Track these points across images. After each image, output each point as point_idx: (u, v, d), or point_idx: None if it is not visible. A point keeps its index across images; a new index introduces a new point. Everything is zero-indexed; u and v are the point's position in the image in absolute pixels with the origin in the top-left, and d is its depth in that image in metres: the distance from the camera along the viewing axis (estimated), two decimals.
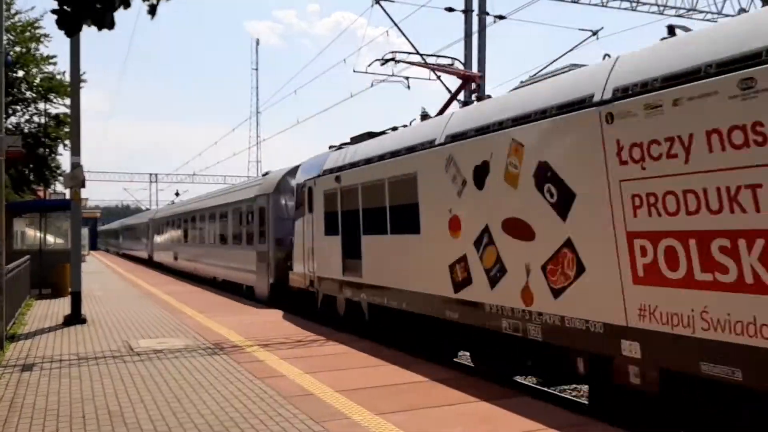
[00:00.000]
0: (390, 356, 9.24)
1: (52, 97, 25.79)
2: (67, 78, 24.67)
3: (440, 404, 6.72)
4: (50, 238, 22.16)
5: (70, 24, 7.02)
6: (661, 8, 20.55)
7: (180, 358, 9.42)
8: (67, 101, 24.92)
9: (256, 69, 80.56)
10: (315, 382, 7.77)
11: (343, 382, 7.74)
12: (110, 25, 7.18)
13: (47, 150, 26.65)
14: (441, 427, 5.98)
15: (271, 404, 6.80)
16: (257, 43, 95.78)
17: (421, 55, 12.78)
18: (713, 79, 5.20)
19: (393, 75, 14.60)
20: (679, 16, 20.48)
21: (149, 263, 38.54)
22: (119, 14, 7.20)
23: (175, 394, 7.29)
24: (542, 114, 7.10)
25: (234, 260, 20.30)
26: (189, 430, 5.98)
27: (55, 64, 26.03)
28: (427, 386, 7.52)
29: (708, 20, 19.71)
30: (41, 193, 32.61)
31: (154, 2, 7.17)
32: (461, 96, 12.39)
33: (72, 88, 14.27)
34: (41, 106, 26.10)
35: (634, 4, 20.44)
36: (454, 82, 12.45)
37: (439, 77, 12.72)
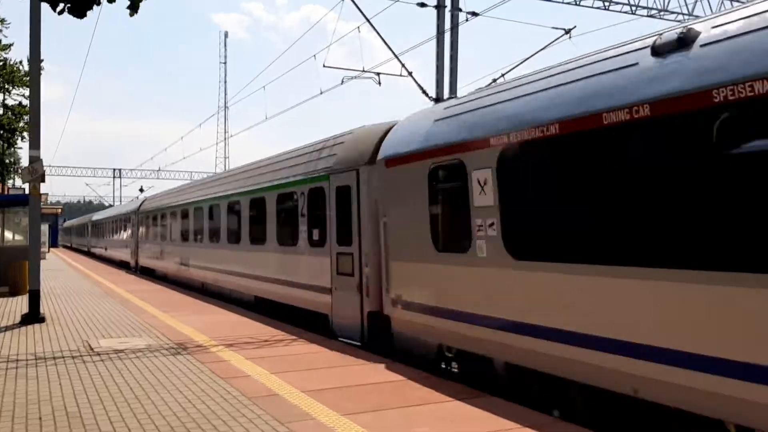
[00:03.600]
0: (361, 356, 9.14)
1: (8, 87, 24.93)
2: (24, 66, 23.98)
3: (409, 404, 6.64)
4: (8, 235, 21.52)
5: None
6: (634, 8, 20.84)
7: (142, 358, 9.17)
8: (24, 91, 24.19)
9: (225, 63, 79.75)
10: (281, 382, 7.62)
11: (311, 382, 7.61)
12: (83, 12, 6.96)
13: (5, 143, 25.80)
14: (408, 427, 5.90)
15: (235, 405, 6.64)
16: (226, 35, 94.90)
17: (393, 51, 12.69)
18: None
19: (364, 71, 14.47)
20: (651, 16, 20.80)
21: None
22: None
23: (136, 395, 7.08)
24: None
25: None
26: None
27: (6, 50, 25.03)
28: (396, 386, 7.43)
29: (678, 21, 19.98)
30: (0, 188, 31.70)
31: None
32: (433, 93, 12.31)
33: (31, 78, 13.79)
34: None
35: (606, 4, 20.68)
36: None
37: (410, 74, 12.64)
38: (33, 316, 12.85)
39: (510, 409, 6.39)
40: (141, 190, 60.00)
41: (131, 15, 7.16)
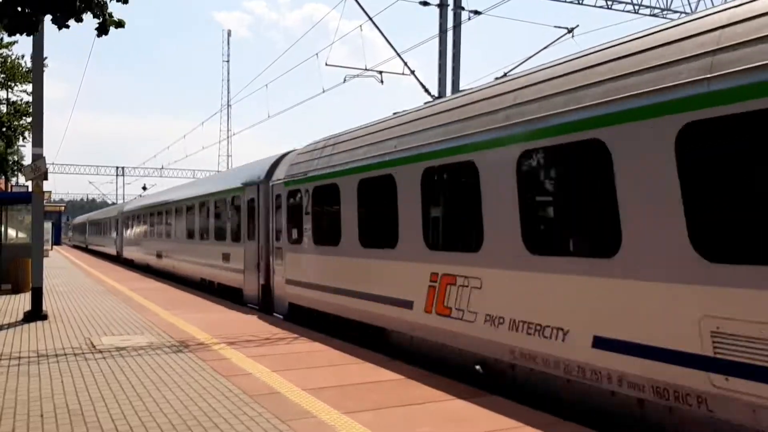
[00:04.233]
0: (362, 354, 9.14)
1: (10, 83, 24.87)
2: (25, 63, 23.91)
3: (410, 403, 6.63)
4: (11, 232, 21.57)
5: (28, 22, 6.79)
6: (636, 7, 20.77)
7: (143, 355, 9.19)
8: (26, 87, 24.13)
9: (228, 61, 79.71)
10: (282, 380, 7.62)
11: (312, 380, 7.61)
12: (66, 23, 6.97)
13: (6, 141, 25.79)
14: (409, 426, 5.90)
15: (236, 403, 6.64)
16: (229, 34, 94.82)
17: (395, 50, 12.68)
18: None
19: (366, 69, 14.47)
20: (654, 15, 20.73)
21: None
22: None
23: (138, 393, 7.08)
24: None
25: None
26: (151, 429, 5.80)
27: (9, 47, 24.98)
28: (398, 384, 7.43)
29: None
30: (2, 185, 31.75)
31: (105, 21, 6.96)
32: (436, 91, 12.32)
33: (34, 75, 13.78)
34: (1, 93, 25.18)
35: (609, 3, 20.61)
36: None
37: (413, 72, 12.64)
38: (35, 314, 12.87)
39: (512, 408, 6.38)
40: (144, 188, 60.07)
41: (98, 36, 7.20)
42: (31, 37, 12.88)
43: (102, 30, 7.04)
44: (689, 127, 5.22)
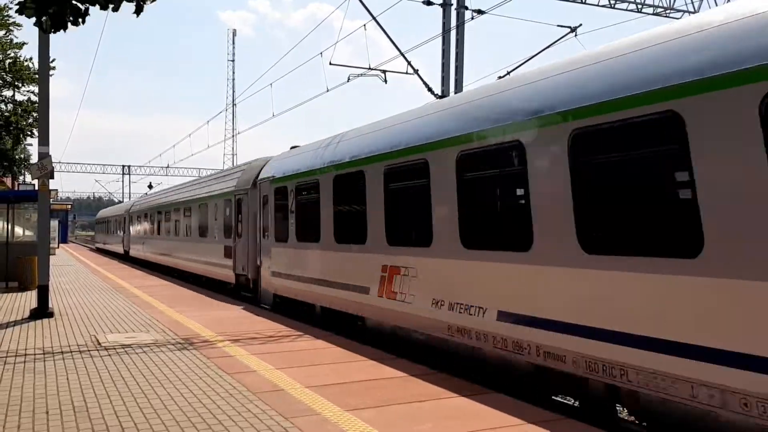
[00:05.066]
0: (365, 352, 9.18)
1: (17, 84, 25.04)
2: (33, 64, 24.05)
3: (413, 400, 6.66)
4: (18, 230, 21.68)
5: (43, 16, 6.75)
6: (640, 6, 20.70)
7: (148, 352, 9.25)
8: (33, 88, 24.27)
9: (233, 60, 79.92)
10: (286, 377, 7.67)
11: (315, 377, 7.65)
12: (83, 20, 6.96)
13: (13, 140, 25.93)
14: (412, 423, 5.93)
15: (240, 400, 6.69)
16: (234, 34, 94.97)
17: (399, 49, 12.70)
18: None
19: (370, 68, 14.49)
20: (657, 14, 20.66)
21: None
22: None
23: (142, 390, 7.14)
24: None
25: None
26: (155, 426, 5.85)
27: (20, 48, 25.20)
28: (400, 382, 7.47)
29: None
30: (9, 183, 31.91)
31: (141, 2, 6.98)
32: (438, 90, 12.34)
33: (40, 75, 13.87)
34: (8, 93, 25.33)
35: (612, 2, 20.55)
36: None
37: (416, 71, 12.65)
38: (42, 311, 12.95)
39: (514, 406, 6.41)
40: (150, 186, 60.28)
41: (137, 16, 7.20)
42: (37, 36, 12.98)
43: (139, 10, 7.07)
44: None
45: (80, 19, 6.72)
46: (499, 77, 8.57)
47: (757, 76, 4.91)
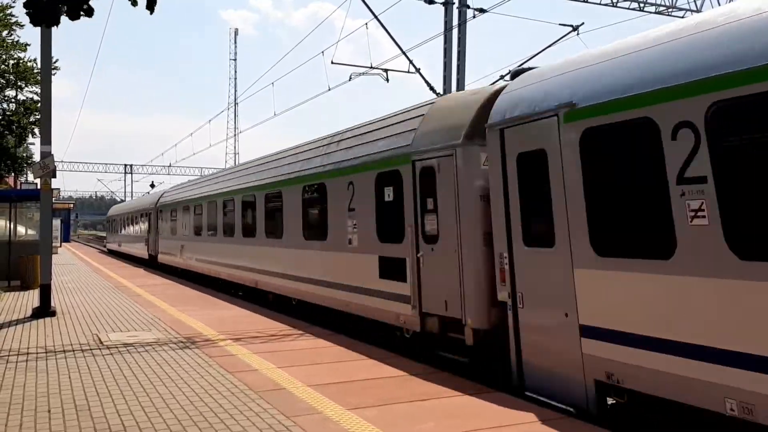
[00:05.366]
0: (366, 350, 9.18)
1: (20, 84, 25.10)
2: (37, 64, 24.12)
3: (414, 399, 6.67)
4: (21, 229, 21.71)
5: (46, 14, 6.76)
6: (642, 5, 20.67)
7: (150, 351, 9.26)
8: (36, 88, 24.32)
9: (235, 59, 79.95)
10: (287, 376, 7.67)
11: (317, 376, 7.65)
12: (88, 12, 6.97)
13: (16, 139, 25.98)
14: (413, 422, 5.94)
15: (241, 399, 6.69)
16: (236, 33, 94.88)
17: (401, 48, 12.70)
18: None
19: (372, 67, 14.48)
20: (659, 13, 20.63)
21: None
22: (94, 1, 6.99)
23: (144, 388, 7.15)
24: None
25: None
26: (157, 425, 5.86)
27: (24, 50, 25.29)
28: (402, 381, 7.47)
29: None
30: (12, 182, 31.96)
31: None
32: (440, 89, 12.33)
33: (43, 75, 13.89)
34: (10, 93, 25.39)
35: (614, 0, 20.52)
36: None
37: (418, 70, 12.65)
38: (44, 310, 12.98)
39: (516, 404, 6.41)
40: (152, 185, 60.39)
41: (151, 12, 7.18)
42: (39, 35, 13.00)
43: (151, 6, 7.05)
44: None
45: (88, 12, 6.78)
46: (501, 77, 8.57)
47: None
